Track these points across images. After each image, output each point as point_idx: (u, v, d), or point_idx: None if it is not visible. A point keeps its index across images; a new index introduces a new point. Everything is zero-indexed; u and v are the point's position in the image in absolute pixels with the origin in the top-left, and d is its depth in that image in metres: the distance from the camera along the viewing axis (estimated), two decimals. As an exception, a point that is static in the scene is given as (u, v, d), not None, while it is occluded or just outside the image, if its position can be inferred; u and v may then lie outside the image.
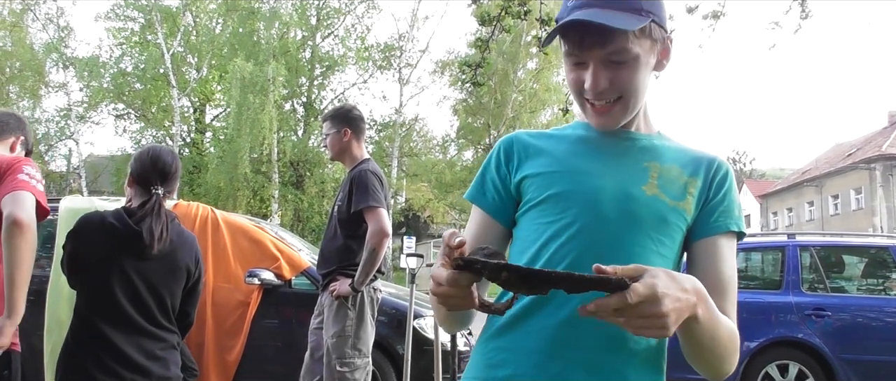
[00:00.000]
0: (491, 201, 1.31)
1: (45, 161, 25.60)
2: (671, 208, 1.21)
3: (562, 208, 1.21)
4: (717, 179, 1.26)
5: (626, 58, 1.17)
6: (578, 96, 1.24)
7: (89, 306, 2.31)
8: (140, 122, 26.00)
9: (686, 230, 1.24)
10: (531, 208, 1.26)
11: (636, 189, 1.21)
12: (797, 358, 5.93)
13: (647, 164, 1.25)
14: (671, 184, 1.24)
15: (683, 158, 1.29)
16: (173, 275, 2.43)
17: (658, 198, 1.21)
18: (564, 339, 1.15)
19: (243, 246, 4.99)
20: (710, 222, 1.23)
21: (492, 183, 1.32)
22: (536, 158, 1.29)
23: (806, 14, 6.00)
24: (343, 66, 26.10)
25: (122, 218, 2.34)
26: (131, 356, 2.29)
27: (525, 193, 1.28)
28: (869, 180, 33.44)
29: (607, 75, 1.17)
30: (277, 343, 4.98)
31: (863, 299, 6.29)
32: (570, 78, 1.23)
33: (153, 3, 23.79)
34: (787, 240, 6.60)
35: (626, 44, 1.15)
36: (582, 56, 1.19)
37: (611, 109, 1.22)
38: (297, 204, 24.00)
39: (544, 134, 1.36)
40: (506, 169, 1.31)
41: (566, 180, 1.24)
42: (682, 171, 1.26)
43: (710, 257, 1.22)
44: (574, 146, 1.30)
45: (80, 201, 4.56)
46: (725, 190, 1.26)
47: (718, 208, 1.24)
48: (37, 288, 4.60)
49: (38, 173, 2.48)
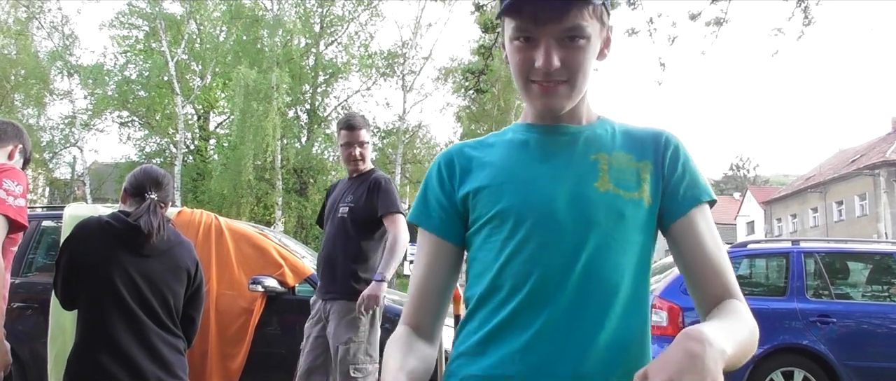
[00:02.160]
0: (437, 220, 1.24)
1: (50, 169, 25.70)
2: (628, 201, 1.15)
3: (514, 222, 1.15)
4: (669, 154, 1.20)
5: (581, 36, 1.11)
6: (523, 79, 1.16)
7: (95, 308, 2.32)
8: (144, 129, 26.08)
9: (653, 219, 1.18)
10: (483, 226, 1.19)
11: (589, 188, 1.15)
12: (802, 365, 5.90)
13: (595, 156, 1.19)
14: (623, 174, 1.17)
15: (630, 142, 1.22)
16: (174, 274, 2.45)
17: (612, 193, 1.15)
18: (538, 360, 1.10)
19: (247, 253, 4.99)
20: (677, 200, 1.17)
21: (436, 201, 1.25)
22: (480, 172, 1.23)
23: (809, 20, 6.01)
24: (346, 73, 26.15)
25: (118, 217, 2.38)
26: (138, 360, 2.29)
27: (473, 209, 1.21)
28: (873, 186, 33.37)
29: (559, 54, 1.11)
30: (281, 351, 4.97)
31: (868, 305, 6.26)
32: (517, 59, 1.14)
33: (157, 11, 23.88)
34: (792, 246, 6.57)
35: (582, 21, 1.10)
36: (535, 32, 1.11)
37: (556, 89, 1.14)
38: (301, 211, 24.00)
39: (484, 143, 1.29)
40: (450, 185, 1.24)
41: (514, 192, 1.17)
42: (631, 156, 1.20)
43: (691, 236, 1.15)
44: (516, 152, 1.23)
45: (85, 209, 4.57)
46: (682, 163, 1.20)
47: (682, 184, 1.18)
48: (41, 296, 4.64)
49: (17, 186, 2.42)
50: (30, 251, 5.15)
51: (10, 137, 2.77)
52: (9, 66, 23.51)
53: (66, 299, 2.39)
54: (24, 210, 2.45)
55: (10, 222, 2.37)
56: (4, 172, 2.41)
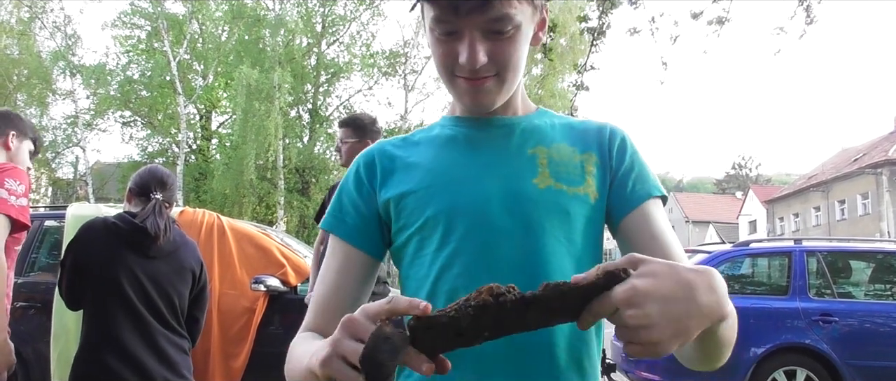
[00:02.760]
0: (352, 227, 1.09)
1: (52, 168, 25.72)
2: (572, 197, 1.03)
3: (446, 229, 1.01)
4: (616, 146, 1.10)
5: (508, 26, 0.97)
6: (447, 74, 1.03)
7: (101, 309, 2.33)
8: (146, 129, 26.09)
9: (602, 215, 1.06)
10: (411, 237, 1.05)
11: (526, 184, 1.03)
12: (804, 364, 5.90)
13: (533, 150, 1.07)
14: (565, 168, 1.05)
15: (571, 134, 1.11)
16: (179, 275, 2.46)
17: (553, 188, 1.03)
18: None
19: (249, 253, 5.00)
20: (626, 194, 1.06)
21: (353, 206, 1.10)
22: (404, 174, 1.09)
23: (811, 19, 5.98)
24: (348, 72, 26.14)
25: (124, 218, 2.38)
26: (144, 361, 2.30)
27: (397, 217, 1.07)
28: (876, 185, 33.31)
29: (486, 47, 0.98)
30: (283, 350, 4.92)
31: (870, 304, 6.26)
32: (440, 52, 1.01)
33: (159, 10, 23.89)
34: (794, 245, 6.58)
35: (510, 9, 0.96)
36: (456, 23, 0.97)
37: (484, 83, 1.01)
38: (303, 211, 24.00)
39: (409, 140, 1.15)
40: (369, 187, 1.10)
41: (444, 195, 1.04)
42: (574, 149, 1.08)
43: (646, 230, 1.02)
44: (444, 150, 1.10)
45: (87, 208, 4.58)
46: (629, 155, 1.09)
47: (630, 177, 1.07)
48: (44, 296, 4.65)
49: (19, 185, 2.38)
50: (32, 251, 5.16)
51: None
52: (11, 65, 23.52)
53: (72, 300, 2.39)
54: (27, 210, 2.44)
55: (12, 221, 2.36)
56: (6, 172, 2.38)
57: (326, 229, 1.12)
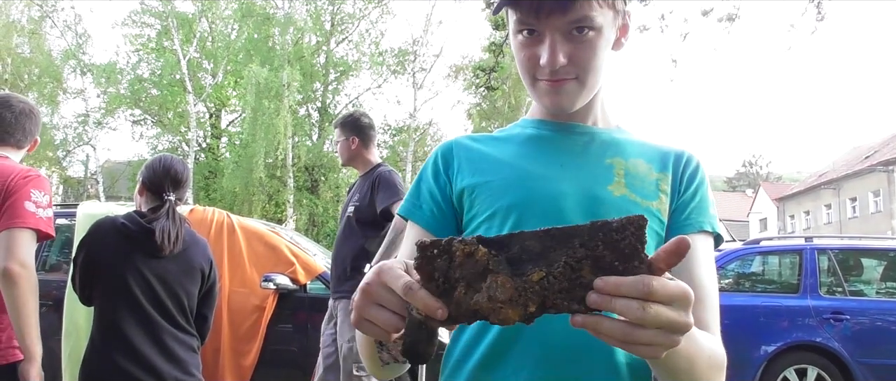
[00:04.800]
0: (429, 214, 1.11)
1: (63, 167, 25.88)
2: (644, 210, 1.04)
3: (517, 220, 1.03)
4: (688, 173, 1.10)
5: (588, 29, 0.99)
6: (529, 77, 1.05)
7: (109, 309, 2.33)
8: (156, 127, 26.23)
9: (664, 234, 1.06)
10: (480, 225, 1.06)
11: (602, 190, 1.05)
12: (815, 362, 5.87)
13: (611, 160, 1.09)
14: (640, 181, 1.07)
15: (649, 152, 1.12)
16: (188, 275, 2.45)
17: (628, 198, 1.04)
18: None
19: (259, 251, 5.01)
20: (681, 220, 1.07)
21: (429, 194, 1.13)
22: (481, 165, 1.11)
23: (821, 16, 5.96)
24: (357, 70, 26.21)
25: (134, 219, 2.37)
26: (153, 359, 2.30)
27: (470, 206, 1.09)
28: (887, 183, 33.08)
29: (566, 50, 1.00)
30: (293, 348, 4.99)
31: (881, 302, 6.22)
32: (522, 56, 1.04)
33: (169, 9, 23.99)
34: (805, 243, 6.55)
35: (590, 11, 0.98)
36: (538, 25, 1.00)
37: (564, 84, 1.03)
38: (312, 209, 24.07)
39: (489, 137, 1.19)
40: (445, 177, 1.13)
41: (519, 189, 1.06)
42: (651, 166, 1.10)
43: (685, 260, 0.99)
44: (524, 148, 1.13)
45: (98, 207, 4.59)
46: (697, 185, 1.10)
47: (689, 205, 1.08)
48: (55, 293, 4.67)
49: (44, 196, 2.30)
50: (43, 249, 5.18)
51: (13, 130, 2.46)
52: (22, 64, 23.69)
53: (84, 296, 2.41)
54: (52, 221, 2.39)
55: (39, 234, 2.32)
56: (31, 182, 2.29)
57: (404, 216, 1.15)
